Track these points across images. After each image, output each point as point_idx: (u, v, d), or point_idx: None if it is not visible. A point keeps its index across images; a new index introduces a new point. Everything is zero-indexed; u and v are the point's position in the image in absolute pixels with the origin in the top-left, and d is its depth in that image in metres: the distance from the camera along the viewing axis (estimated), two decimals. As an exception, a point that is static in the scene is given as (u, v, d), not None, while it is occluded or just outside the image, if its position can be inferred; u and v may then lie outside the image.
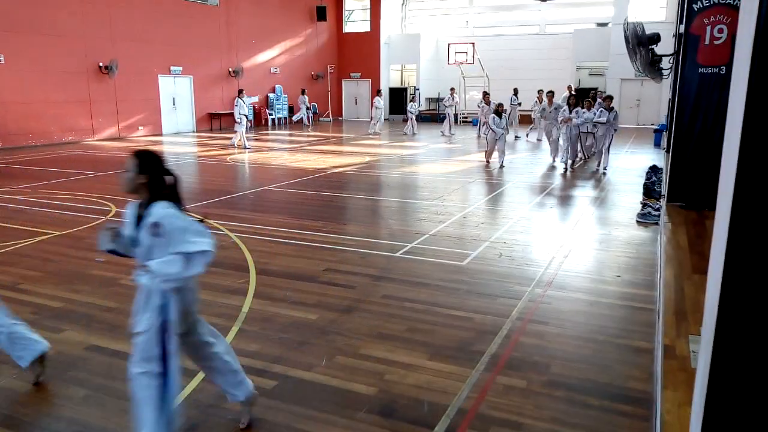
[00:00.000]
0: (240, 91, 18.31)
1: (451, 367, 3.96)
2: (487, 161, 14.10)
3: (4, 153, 15.96)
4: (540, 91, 18.81)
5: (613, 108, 13.03)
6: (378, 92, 24.65)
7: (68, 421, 3.31)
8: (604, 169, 12.85)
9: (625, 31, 8.99)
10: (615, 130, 12.98)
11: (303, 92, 26.40)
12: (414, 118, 22.70)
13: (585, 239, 7.44)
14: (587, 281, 5.85)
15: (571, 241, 7.29)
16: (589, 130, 13.66)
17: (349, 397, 3.60)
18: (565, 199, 10.15)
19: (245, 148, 17.33)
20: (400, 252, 6.71)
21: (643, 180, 10.95)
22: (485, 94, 20.52)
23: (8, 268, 6.08)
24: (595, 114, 13.23)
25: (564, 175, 12.79)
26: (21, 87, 16.76)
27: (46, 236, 7.29)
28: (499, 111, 13.66)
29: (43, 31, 17.36)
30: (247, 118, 18.19)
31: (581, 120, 13.31)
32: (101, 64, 19.15)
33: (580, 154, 14.57)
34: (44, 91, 17.41)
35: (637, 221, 8.25)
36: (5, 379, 3.77)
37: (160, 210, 2.82)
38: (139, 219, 2.89)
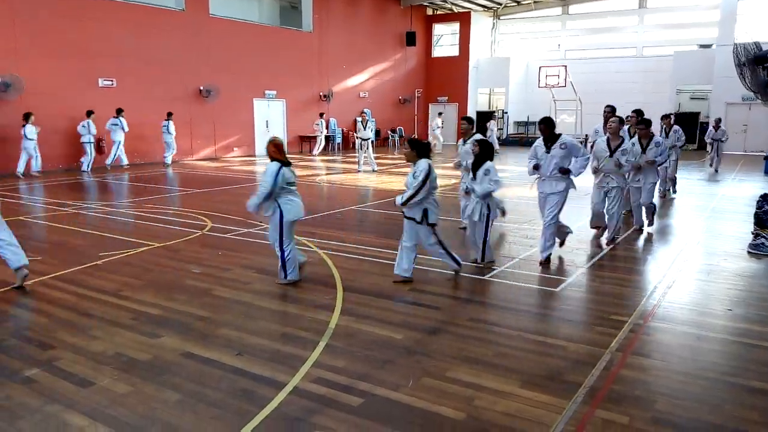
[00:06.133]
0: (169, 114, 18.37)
1: (545, 396, 3.74)
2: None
3: (113, 170, 17.13)
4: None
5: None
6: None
7: (163, 424, 3.38)
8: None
9: (735, 51, 8.44)
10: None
11: (321, 116, 24.26)
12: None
13: (690, 269, 6.94)
14: (693, 314, 5.41)
15: (675, 270, 6.81)
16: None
17: (436, 421, 3.47)
18: (667, 227, 9.56)
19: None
20: (489, 275, 6.52)
21: (753, 209, 10.13)
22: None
23: (112, 275, 6.43)
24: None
25: (669, 199, 11.99)
26: (129, 109, 17.94)
27: (147, 247, 7.68)
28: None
29: (149, 57, 18.63)
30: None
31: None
32: (201, 88, 20.27)
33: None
34: (149, 114, 18.57)
35: (749, 252, 7.61)
36: (107, 379, 3.93)
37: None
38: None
